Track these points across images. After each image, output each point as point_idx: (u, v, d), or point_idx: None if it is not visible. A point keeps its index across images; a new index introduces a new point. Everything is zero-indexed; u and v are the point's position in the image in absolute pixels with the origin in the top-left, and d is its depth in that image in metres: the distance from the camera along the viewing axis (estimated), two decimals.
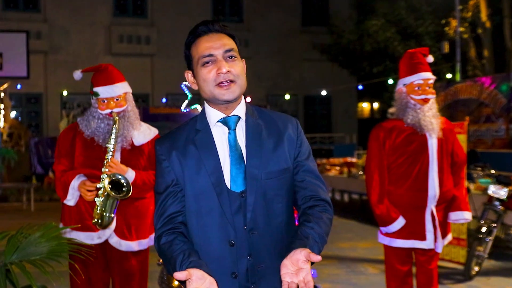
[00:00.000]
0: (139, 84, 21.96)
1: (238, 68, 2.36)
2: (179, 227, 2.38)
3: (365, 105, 33.19)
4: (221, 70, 2.32)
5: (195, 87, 2.45)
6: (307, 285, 2.08)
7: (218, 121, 2.40)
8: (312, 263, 2.14)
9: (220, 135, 2.40)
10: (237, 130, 2.40)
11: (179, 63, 23.35)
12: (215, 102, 2.38)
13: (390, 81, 18.33)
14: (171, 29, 23.63)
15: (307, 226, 2.32)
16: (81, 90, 19.14)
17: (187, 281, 2.10)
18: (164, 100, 22.43)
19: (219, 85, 2.33)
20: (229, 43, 2.38)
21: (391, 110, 4.70)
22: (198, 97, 6.03)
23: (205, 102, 2.45)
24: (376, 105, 32.51)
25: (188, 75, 2.46)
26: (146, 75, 23.86)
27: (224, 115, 2.40)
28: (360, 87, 21.86)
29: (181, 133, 2.46)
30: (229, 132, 2.39)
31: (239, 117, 2.42)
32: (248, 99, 21.04)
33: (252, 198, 2.33)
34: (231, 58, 2.36)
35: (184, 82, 6.11)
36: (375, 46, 19.94)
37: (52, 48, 22.83)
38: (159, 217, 2.41)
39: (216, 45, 2.35)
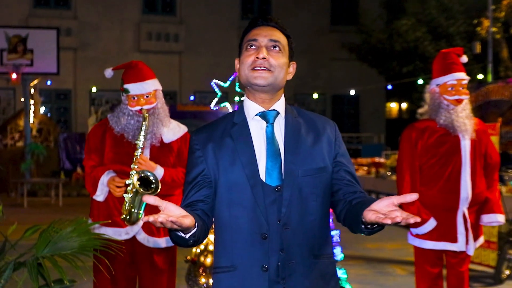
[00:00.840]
0: (167, 82, 22.00)
1: (278, 60, 2.38)
2: (197, 209, 2.35)
3: (393, 105, 32.97)
4: (258, 55, 2.35)
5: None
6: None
7: (256, 115, 2.41)
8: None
9: (257, 128, 2.40)
10: (275, 125, 2.40)
11: (207, 60, 23.55)
12: (250, 88, 2.40)
13: (420, 81, 18.16)
14: (200, 26, 23.70)
15: (367, 197, 2.35)
16: (109, 87, 19.27)
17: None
18: (191, 97, 22.50)
19: (253, 69, 2.35)
20: (279, 36, 2.42)
21: (421, 110, 4.65)
22: (227, 95, 6.02)
23: (245, 95, 2.47)
24: (404, 105, 32.27)
25: (236, 61, 2.50)
26: (174, 73, 23.95)
27: (262, 109, 2.41)
28: (389, 87, 21.72)
29: (218, 125, 2.46)
30: (267, 126, 2.39)
31: (278, 112, 2.42)
32: None
33: (288, 193, 2.32)
34: (275, 48, 2.39)
35: (214, 80, 6.08)
36: (405, 45, 19.79)
37: (81, 45, 23.03)
38: (182, 203, 2.42)
39: (264, 33, 2.41)
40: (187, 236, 2.19)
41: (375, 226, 2.17)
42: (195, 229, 2.19)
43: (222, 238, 2.40)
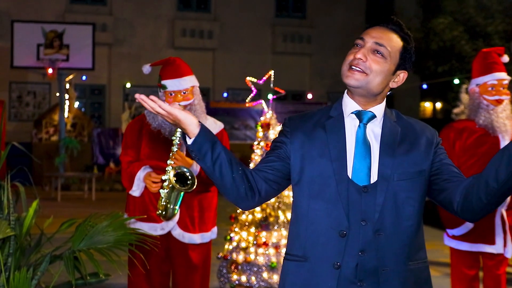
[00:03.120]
0: (201, 78, 21.69)
1: (377, 65, 2.31)
2: (245, 170, 2.33)
3: (427, 105, 32.65)
4: (357, 55, 2.31)
5: None
6: None
7: (352, 112, 2.37)
8: None
9: (351, 126, 2.37)
10: (369, 126, 2.36)
11: (241, 58, 23.58)
12: (347, 86, 2.37)
13: (456, 81, 17.95)
14: (234, 24, 23.71)
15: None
16: (143, 83, 19.36)
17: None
18: (225, 94, 22.54)
19: (350, 67, 2.32)
20: (388, 40, 2.35)
21: (456, 110, 4.60)
22: (260, 92, 6.00)
23: (346, 91, 2.44)
24: (439, 105, 31.94)
25: None
26: (207, 69, 24.00)
27: (360, 108, 2.37)
28: (424, 86, 21.49)
29: (313, 116, 2.44)
30: (359, 125, 2.36)
31: (374, 115, 2.38)
32: (309, 96, 20.99)
33: (382, 198, 2.27)
34: (378, 53, 2.32)
35: (248, 78, 6.07)
36: (441, 44, 19.56)
37: (116, 41, 23.19)
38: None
39: (373, 34, 2.36)
40: (190, 142, 2.20)
41: None
42: (198, 136, 2.19)
43: (298, 227, 2.37)
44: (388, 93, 2.44)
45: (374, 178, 2.30)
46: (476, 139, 4.36)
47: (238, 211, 5.99)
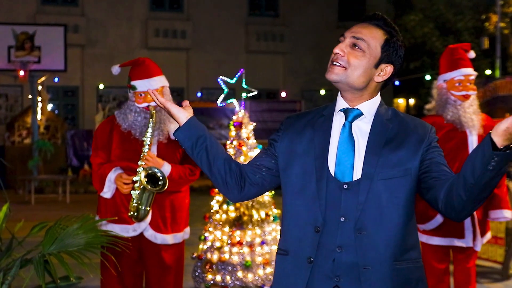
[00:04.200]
0: (174, 78, 21.99)
1: (355, 59, 2.31)
2: (233, 163, 2.46)
3: (401, 101, 32.87)
4: (334, 50, 2.34)
5: None
6: None
7: (340, 110, 2.39)
8: None
9: (339, 124, 2.39)
10: (356, 124, 2.36)
11: (215, 57, 23.54)
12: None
13: (428, 77, 18.12)
14: (207, 23, 23.67)
15: None
16: (117, 84, 19.26)
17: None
18: (199, 94, 22.49)
19: (331, 63, 2.35)
20: (368, 34, 2.34)
21: (428, 106, 4.64)
22: (234, 92, 6.01)
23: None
24: (412, 101, 32.17)
25: None
26: (181, 69, 23.93)
27: (347, 106, 2.38)
28: (397, 82, 21.65)
29: (308, 114, 2.50)
30: (344, 123, 2.37)
31: (361, 113, 2.37)
32: (283, 94, 21.02)
33: (364, 196, 2.26)
34: (355, 47, 2.33)
35: (221, 77, 6.07)
36: (413, 41, 19.72)
37: (89, 42, 23.04)
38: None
39: (354, 29, 2.37)
40: (172, 134, 2.31)
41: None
42: (180, 130, 2.41)
43: (283, 223, 2.44)
44: (387, 86, 2.47)
45: (357, 175, 2.30)
46: (445, 134, 4.40)
47: (212, 210, 5.99)
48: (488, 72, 17.62)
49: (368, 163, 2.30)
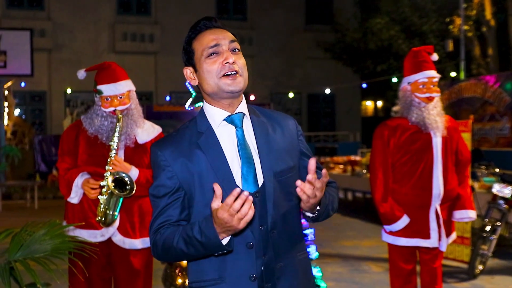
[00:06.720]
0: (143, 82, 21.96)
1: (242, 61, 2.32)
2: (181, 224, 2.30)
3: (369, 104, 33.16)
4: (227, 60, 2.26)
5: (194, 83, 2.35)
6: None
7: (223, 120, 2.32)
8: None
9: (226, 135, 2.32)
10: (243, 128, 2.33)
11: (183, 61, 23.44)
12: (220, 96, 2.29)
13: (394, 80, 18.29)
14: (175, 27, 23.62)
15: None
16: (85, 88, 19.15)
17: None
18: (168, 98, 22.42)
19: (224, 75, 2.26)
20: (233, 36, 2.35)
21: (395, 108, 4.68)
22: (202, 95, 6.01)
23: (204, 102, 2.37)
24: (380, 103, 32.48)
25: (187, 71, 2.39)
26: (149, 73, 23.86)
27: (228, 113, 2.32)
28: (364, 85, 21.84)
29: (183, 136, 2.35)
30: (236, 130, 2.31)
31: (244, 114, 2.35)
32: (252, 97, 21.03)
33: (271, 196, 2.27)
34: (235, 51, 2.31)
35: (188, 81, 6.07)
36: (379, 44, 19.90)
37: (56, 46, 22.84)
38: (157, 218, 2.32)
39: (221, 36, 2.31)
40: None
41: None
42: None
43: None
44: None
45: (261, 180, 2.29)
46: (409, 136, 4.45)
47: None
48: (453, 74, 17.85)
49: (264, 164, 2.30)
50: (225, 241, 2.14)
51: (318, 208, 2.30)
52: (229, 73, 2.26)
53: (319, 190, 2.15)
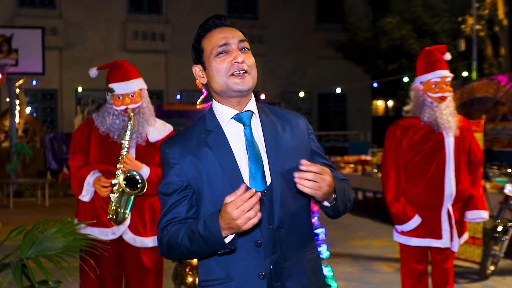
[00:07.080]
0: (154, 81, 21.98)
1: (251, 60, 2.32)
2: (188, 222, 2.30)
3: (379, 103, 33.08)
4: (236, 59, 2.26)
5: (203, 81, 2.36)
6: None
7: (232, 118, 2.32)
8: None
9: (234, 133, 2.32)
10: (252, 126, 2.32)
11: None
12: (228, 94, 2.30)
13: (405, 79, 18.24)
14: (186, 26, 23.65)
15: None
16: (95, 86, 19.20)
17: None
18: (178, 97, 22.46)
19: (233, 74, 2.27)
20: (242, 35, 2.35)
21: (406, 108, 4.67)
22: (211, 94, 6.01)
23: (213, 100, 2.38)
24: (390, 103, 32.40)
25: (196, 69, 2.39)
26: (160, 72, 23.90)
27: (236, 111, 2.32)
28: (375, 84, 21.79)
29: (192, 134, 2.37)
30: (244, 128, 2.31)
31: (253, 112, 2.35)
32: (263, 96, 21.05)
33: (278, 196, 2.27)
34: (244, 50, 2.31)
35: None
36: (391, 43, 19.86)
37: (67, 45, 22.92)
38: (165, 215, 2.33)
39: (230, 35, 2.31)
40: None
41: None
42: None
43: None
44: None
45: (269, 179, 2.29)
46: (422, 136, 4.43)
47: None
48: (465, 74, 17.78)
49: (272, 163, 2.29)
50: (227, 239, 2.13)
51: (334, 195, 2.27)
52: (237, 72, 2.27)
53: (321, 173, 2.13)
